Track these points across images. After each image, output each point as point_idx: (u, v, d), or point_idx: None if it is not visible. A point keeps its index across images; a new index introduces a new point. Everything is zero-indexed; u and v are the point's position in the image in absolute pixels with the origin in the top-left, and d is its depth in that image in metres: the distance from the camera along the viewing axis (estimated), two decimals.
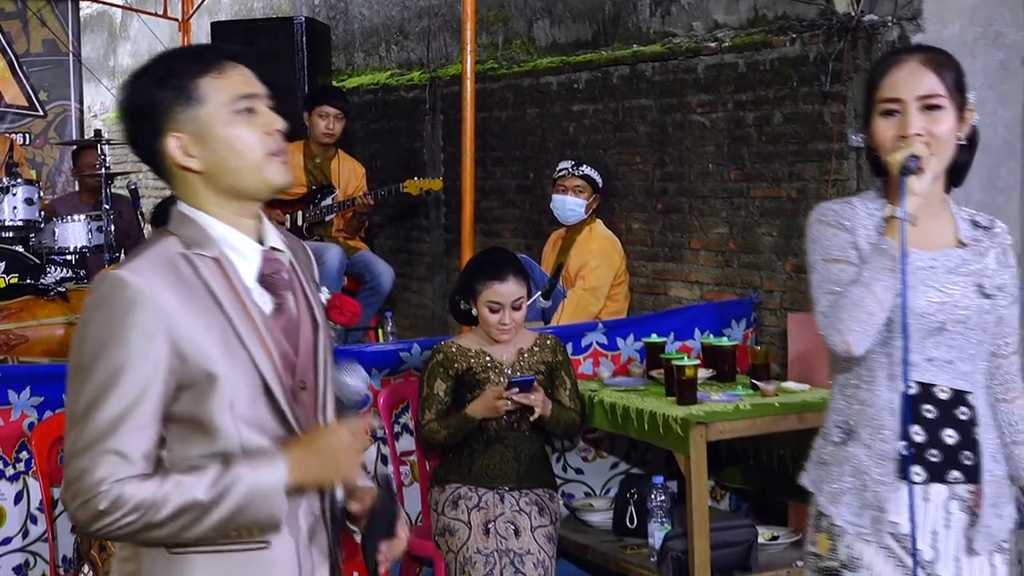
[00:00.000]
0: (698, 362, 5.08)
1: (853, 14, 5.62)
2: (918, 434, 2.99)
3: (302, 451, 2.46)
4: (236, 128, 2.49)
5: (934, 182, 3.00)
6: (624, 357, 5.72)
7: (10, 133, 10.79)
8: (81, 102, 12.27)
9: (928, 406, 3.01)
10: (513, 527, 4.89)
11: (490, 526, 4.89)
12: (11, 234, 8.01)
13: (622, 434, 5.19)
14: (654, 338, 5.53)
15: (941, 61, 3.04)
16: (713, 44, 6.46)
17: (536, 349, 5.12)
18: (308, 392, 2.56)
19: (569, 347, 5.39)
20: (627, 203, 7.10)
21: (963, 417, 3.03)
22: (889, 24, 5.50)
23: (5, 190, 7.95)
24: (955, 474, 3.02)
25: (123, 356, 2.37)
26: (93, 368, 2.38)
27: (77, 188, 9.36)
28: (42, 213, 8.13)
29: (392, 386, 5.30)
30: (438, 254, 8.96)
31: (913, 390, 2.99)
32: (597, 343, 5.71)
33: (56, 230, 8.05)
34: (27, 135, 11.79)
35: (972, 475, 3.03)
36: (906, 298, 2.92)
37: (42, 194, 8.27)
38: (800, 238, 5.47)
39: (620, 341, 5.75)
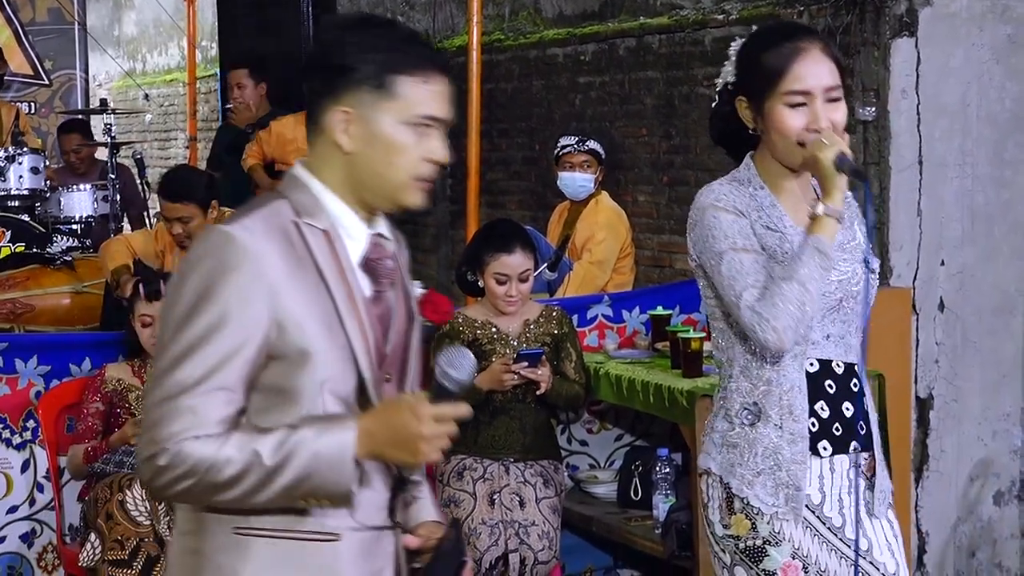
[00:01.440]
0: (703, 334, 5.06)
1: None
2: (823, 410, 3.06)
3: (377, 422, 2.29)
4: (404, 138, 2.34)
5: None
6: (629, 329, 5.72)
7: (16, 102, 10.78)
8: (86, 71, 12.27)
9: (829, 381, 3.06)
10: (518, 498, 4.90)
11: (495, 497, 4.90)
12: (17, 203, 8.04)
13: (627, 406, 5.20)
14: (660, 310, 5.52)
15: (832, 47, 3.04)
16: (720, 16, 6.45)
17: (542, 320, 5.12)
18: (392, 386, 2.42)
19: (575, 319, 5.39)
20: (633, 175, 7.09)
21: (855, 389, 3.09)
22: None
23: (11, 159, 7.97)
24: (854, 444, 3.08)
25: (219, 315, 2.24)
26: (187, 322, 2.25)
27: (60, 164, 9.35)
28: (48, 182, 8.14)
29: None
30: (443, 225, 8.96)
31: (815, 367, 3.05)
32: (603, 315, 5.71)
33: (62, 199, 8.07)
34: (32, 104, 11.79)
35: (866, 443, 3.10)
36: (868, 294, 3.02)
37: (47, 163, 8.29)
38: None
39: (626, 313, 5.75)
